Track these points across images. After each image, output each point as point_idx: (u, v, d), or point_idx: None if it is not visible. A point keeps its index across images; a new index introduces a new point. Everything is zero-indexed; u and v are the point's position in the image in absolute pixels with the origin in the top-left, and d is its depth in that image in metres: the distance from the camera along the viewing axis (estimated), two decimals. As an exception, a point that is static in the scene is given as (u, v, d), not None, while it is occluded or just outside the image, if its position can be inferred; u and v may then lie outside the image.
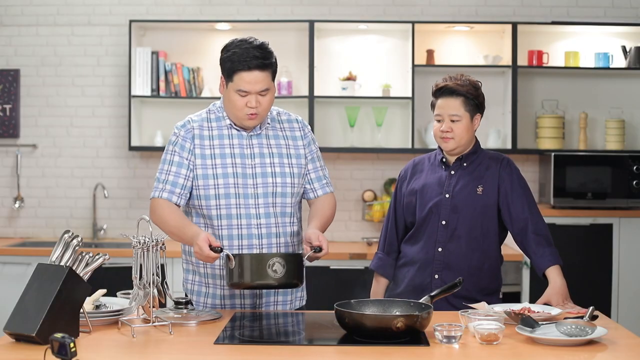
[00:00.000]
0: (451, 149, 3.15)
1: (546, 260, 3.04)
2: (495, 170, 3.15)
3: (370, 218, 5.26)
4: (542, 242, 3.07)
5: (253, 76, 2.82)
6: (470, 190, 3.12)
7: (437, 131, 3.14)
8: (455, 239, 3.10)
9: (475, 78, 3.21)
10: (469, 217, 3.10)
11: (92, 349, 2.34)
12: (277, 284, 2.67)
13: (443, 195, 3.13)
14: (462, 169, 3.17)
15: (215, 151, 2.92)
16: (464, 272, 3.04)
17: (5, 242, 5.20)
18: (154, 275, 2.54)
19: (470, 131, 3.14)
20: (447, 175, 3.17)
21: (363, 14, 5.36)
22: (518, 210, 3.10)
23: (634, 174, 4.97)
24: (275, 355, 2.31)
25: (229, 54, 2.86)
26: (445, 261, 3.11)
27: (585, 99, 5.32)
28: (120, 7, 5.39)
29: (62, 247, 2.53)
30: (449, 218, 3.11)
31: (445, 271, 3.10)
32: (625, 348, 2.42)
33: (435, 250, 3.12)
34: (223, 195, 2.89)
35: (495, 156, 3.21)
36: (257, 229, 2.90)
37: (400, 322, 2.37)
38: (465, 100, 3.12)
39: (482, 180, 3.14)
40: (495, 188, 3.12)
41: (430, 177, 3.19)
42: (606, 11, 5.35)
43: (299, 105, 5.21)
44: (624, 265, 4.86)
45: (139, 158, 5.40)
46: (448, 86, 3.15)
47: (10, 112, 5.40)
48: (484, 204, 3.11)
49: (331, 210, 3.05)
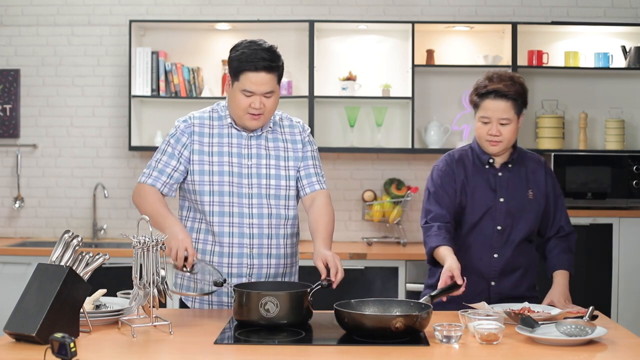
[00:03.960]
0: (498, 152, 3.07)
1: (560, 264, 3.09)
2: (542, 175, 3.12)
3: (370, 218, 5.26)
4: (565, 248, 3.12)
5: (259, 77, 2.84)
6: (522, 194, 3.08)
7: (484, 134, 3.03)
8: (510, 244, 3.06)
9: (517, 75, 3.08)
10: (523, 222, 3.06)
11: (92, 349, 2.34)
12: (267, 324, 2.55)
13: (497, 199, 3.06)
14: (508, 170, 3.11)
15: (213, 149, 2.95)
16: (517, 276, 3.06)
17: (5, 242, 5.20)
18: (154, 275, 2.54)
19: (516, 132, 3.06)
20: (495, 177, 3.09)
21: (363, 14, 5.36)
22: (559, 218, 3.13)
23: (634, 174, 4.97)
24: (275, 355, 2.31)
25: (237, 53, 2.89)
26: (501, 267, 3.06)
27: (585, 99, 5.32)
28: (120, 7, 5.39)
29: (62, 247, 2.53)
30: (504, 223, 3.05)
31: (501, 277, 3.06)
32: (625, 348, 2.42)
33: (491, 257, 3.06)
34: (217, 192, 2.92)
35: (536, 158, 3.17)
36: (249, 229, 2.92)
37: (399, 322, 2.38)
38: (514, 103, 3.01)
39: (530, 183, 3.10)
40: (543, 193, 3.10)
41: (477, 179, 3.09)
42: (606, 11, 5.35)
43: (299, 105, 5.21)
44: (624, 265, 4.86)
45: (139, 158, 5.40)
46: (498, 89, 3.00)
47: (10, 112, 5.40)
48: (535, 207, 3.09)
49: (329, 216, 2.96)
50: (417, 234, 5.34)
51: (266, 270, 2.95)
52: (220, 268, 2.91)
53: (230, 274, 2.92)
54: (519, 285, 3.09)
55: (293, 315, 2.57)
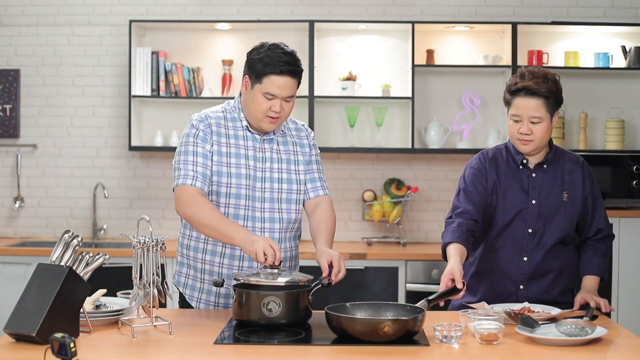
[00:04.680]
0: (530, 151, 2.98)
1: (590, 268, 3.01)
2: (579, 176, 3.03)
3: (370, 218, 5.26)
4: (598, 252, 3.03)
5: (283, 81, 2.83)
6: (556, 197, 2.99)
7: (515, 132, 2.96)
8: (541, 247, 2.98)
9: (553, 72, 3.01)
10: (556, 225, 2.98)
11: (92, 349, 2.34)
12: (268, 323, 2.55)
13: (529, 201, 2.99)
14: (542, 171, 3.02)
15: (231, 150, 2.93)
16: (549, 278, 2.99)
17: (5, 242, 5.20)
18: (154, 275, 2.54)
19: (550, 131, 2.97)
20: (528, 178, 3.02)
21: (363, 14, 5.36)
22: (598, 220, 3.04)
23: (634, 174, 4.97)
24: (275, 355, 2.31)
25: (260, 55, 2.86)
26: (530, 271, 2.99)
27: (585, 99, 5.31)
28: (120, 7, 5.39)
29: (62, 247, 2.53)
30: (536, 226, 2.98)
31: (530, 281, 2.99)
32: (625, 348, 2.42)
33: (520, 260, 2.99)
34: (234, 194, 2.90)
35: (574, 158, 3.07)
36: (260, 232, 2.92)
37: (387, 327, 2.35)
38: (546, 101, 2.93)
39: (566, 185, 3.01)
40: (580, 196, 3.01)
41: (510, 179, 3.02)
42: (606, 11, 5.35)
43: (299, 105, 5.20)
44: (624, 265, 4.86)
45: (139, 158, 5.40)
46: (529, 87, 2.92)
47: (10, 112, 5.40)
48: (569, 210, 3.00)
49: (332, 220, 3.00)
50: (417, 234, 5.35)
51: None
52: (230, 270, 2.92)
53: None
54: (550, 289, 3.00)
55: (293, 315, 2.57)
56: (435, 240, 5.28)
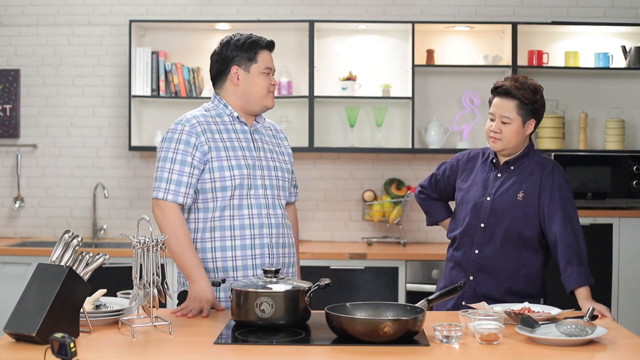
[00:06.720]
0: (498, 150, 3.12)
1: (573, 281, 2.95)
2: (538, 177, 3.08)
3: (370, 218, 5.26)
4: (572, 260, 2.98)
5: (269, 55, 3.02)
6: (511, 195, 3.07)
7: (488, 129, 3.11)
8: (492, 243, 3.08)
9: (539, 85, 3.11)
10: (507, 222, 3.06)
11: (92, 349, 2.34)
12: (265, 324, 2.55)
13: (485, 197, 3.11)
14: (508, 172, 3.13)
15: (226, 144, 2.97)
16: (499, 276, 3.07)
17: (5, 242, 5.20)
18: (154, 275, 2.54)
19: (519, 135, 3.08)
20: (493, 177, 3.14)
21: (363, 14, 5.36)
22: (551, 224, 3.01)
23: (634, 174, 4.97)
24: (274, 355, 2.31)
25: (238, 43, 2.98)
26: (480, 263, 3.10)
27: (585, 99, 5.32)
28: (120, 7, 5.39)
29: (62, 247, 2.53)
30: (488, 221, 3.09)
31: (479, 273, 3.10)
32: (625, 348, 2.42)
33: (472, 252, 3.12)
34: (238, 185, 2.94)
35: (543, 161, 3.12)
36: (267, 219, 2.98)
37: (387, 327, 2.36)
38: (519, 104, 3.05)
39: (523, 185, 3.08)
40: (536, 196, 3.06)
41: (478, 176, 3.18)
42: (606, 11, 5.35)
43: (299, 105, 5.21)
44: (624, 265, 4.86)
45: (139, 158, 5.40)
46: (505, 87, 3.07)
47: (10, 112, 5.40)
48: (522, 210, 3.05)
49: (296, 230, 3.25)
50: (417, 234, 5.34)
51: (282, 260, 3.01)
52: (244, 262, 2.94)
53: (255, 266, 2.94)
54: (499, 287, 3.07)
55: (290, 316, 2.57)
56: (435, 240, 5.28)
